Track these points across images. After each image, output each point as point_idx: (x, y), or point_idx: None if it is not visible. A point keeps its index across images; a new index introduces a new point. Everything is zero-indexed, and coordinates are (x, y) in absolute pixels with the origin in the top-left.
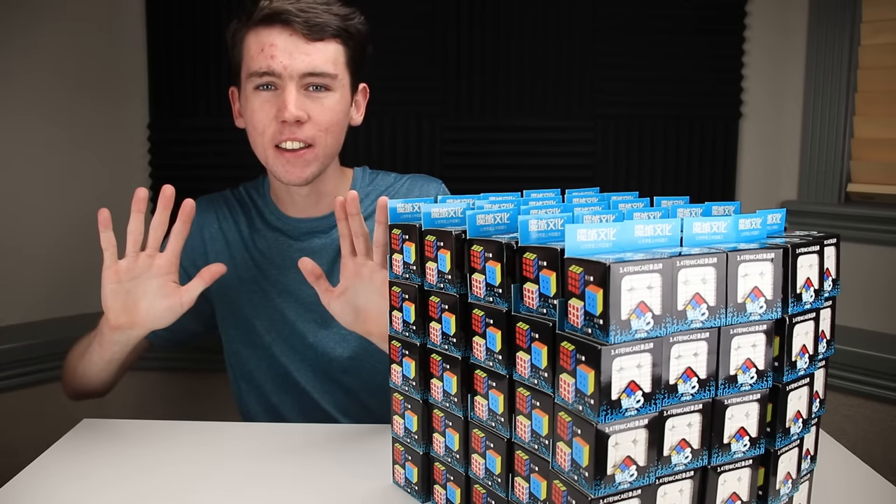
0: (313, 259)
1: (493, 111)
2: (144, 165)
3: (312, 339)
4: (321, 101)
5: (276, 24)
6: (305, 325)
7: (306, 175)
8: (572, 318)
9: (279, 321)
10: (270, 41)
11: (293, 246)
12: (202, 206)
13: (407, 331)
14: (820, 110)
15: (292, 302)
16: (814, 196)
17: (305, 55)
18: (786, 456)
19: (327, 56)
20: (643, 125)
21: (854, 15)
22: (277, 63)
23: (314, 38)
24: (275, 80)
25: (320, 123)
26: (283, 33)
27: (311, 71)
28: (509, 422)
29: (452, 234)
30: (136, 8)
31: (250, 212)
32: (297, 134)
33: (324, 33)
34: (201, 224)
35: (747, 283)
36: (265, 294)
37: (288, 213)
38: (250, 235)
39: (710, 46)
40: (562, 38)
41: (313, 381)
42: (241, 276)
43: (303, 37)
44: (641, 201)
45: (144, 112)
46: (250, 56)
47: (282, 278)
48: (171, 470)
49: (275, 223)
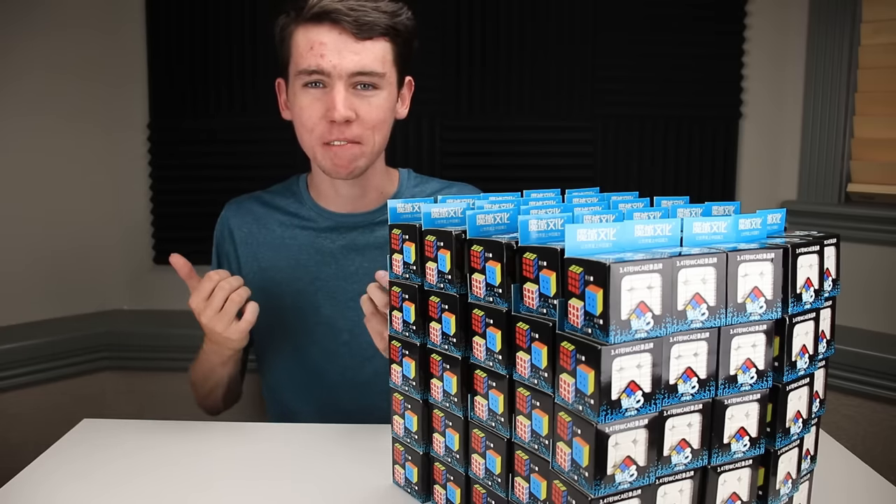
0: (354, 255)
1: (494, 111)
2: (144, 165)
3: (348, 336)
4: (369, 99)
5: (326, 22)
6: (342, 322)
7: (354, 170)
8: (572, 318)
9: (312, 322)
10: (320, 39)
11: (335, 242)
12: (231, 209)
13: (407, 331)
14: (820, 110)
15: (328, 301)
16: (814, 196)
17: (354, 54)
18: (786, 456)
19: (376, 55)
20: (643, 125)
21: (854, 15)
22: (327, 62)
23: (363, 37)
24: (323, 79)
25: (368, 122)
26: (332, 32)
27: (359, 70)
28: (509, 422)
29: (452, 234)
30: (136, 8)
31: (284, 212)
32: (346, 133)
33: (372, 32)
34: (230, 227)
35: (747, 283)
36: (299, 293)
37: (330, 209)
38: (282, 238)
39: (710, 47)
40: (562, 38)
41: (342, 381)
42: (273, 277)
43: (352, 35)
44: (641, 201)
45: (144, 112)
46: (299, 53)
47: (320, 275)
48: (170, 470)
49: (313, 220)
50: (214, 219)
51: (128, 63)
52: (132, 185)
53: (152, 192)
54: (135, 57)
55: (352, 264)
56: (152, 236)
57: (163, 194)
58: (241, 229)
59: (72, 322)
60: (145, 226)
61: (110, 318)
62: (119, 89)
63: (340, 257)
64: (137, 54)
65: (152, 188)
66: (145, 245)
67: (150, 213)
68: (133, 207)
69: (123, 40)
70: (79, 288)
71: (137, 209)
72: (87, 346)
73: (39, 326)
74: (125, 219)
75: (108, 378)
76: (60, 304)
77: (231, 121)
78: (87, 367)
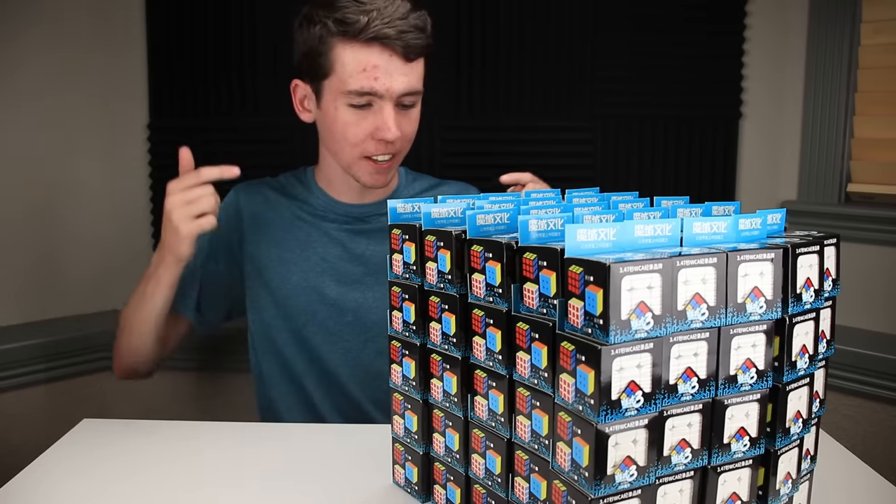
0: (361, 238)
1: (493, 111)
2: (144, 165)
3: (352, 317)
4: (409, 115)
5: (376, 44)
6: (345, 304)
7: (388, 180)
8: (572, 318)
9: (316, 302)
10: (373, 62)
11: (342, 228)
12: (241, 190)
13: (407, 331)
14: (820, 110)
15: (334, 282)
16: (814, 196)
17: (403, 76)
18: (786, 456)
19: (419, 74)
20: (643, 125)
21: (854, 15)
22: (381, 84)
23: (410, 59)
24: (373, 99)
25: (407, 136)
26: (383, 54)
27: (408, 91)
28: (509, 422)
29: (452, 234)
30: (136, 8)
31: (293, 198)
32: (389, 148)
33: (417, 53)
34: (239, 207)
35: (747, 283)
36: (304, 275)
37: (339, 199)
38: (292, 220)
39: (710, 46)
40: (562, 38)
41: (345, 367)
42: (281, 256)
43: (401, 57)
44: (641, 201)
45: (144, 112)
46: (348, 73)
47: (327, 256)
48: (170, 470)
49: (321, 208)
50: None
51: (127, 63)
52: (132, 185)
53: (152, 192)
54: (135, 57)
55: (358, 247)
56: (152, 236)
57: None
58: (250, 208)
59: (72, 322)
60: (145, 226)
61: (110, 318)
62: (119, 89)
63: (347, 241)
64: (137, 54)
65: (152, 188)
66: (145, 245)
67: (150, 213)
68: (133, 207)
69: (123, 40)
70: (79, 288)
71: (137, 209)
72: (87, 346)
73: (39, 326)
74: (125, 219)
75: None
76: (60, 304)
77: (231, 120)
78: (87, 367)
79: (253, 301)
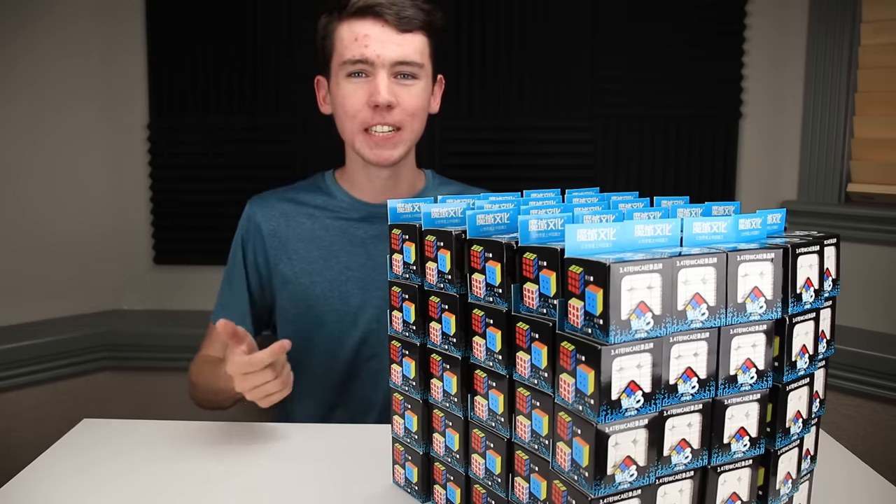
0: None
1: (493, 111)
2: (144, 165)
3: (376, 324)
4: (408, 88)
5: (369, 16)
6: (370, 310)
7: (394, 156)
8: (572, 318)
9: (341, 307)
10: (364, 32)
11: (367, 231)
12: (256, 203)
13: (407, 331)
14: (820, 110)
15: (358, 290)
16: (814, 196)
17: (396, 45)
18: (786, 456)
19: (415, 46)
20: (643, 125)
21: (854, 15)
22: (371, 52)
23: (403, 30)
24: (367, 68)
25: (407, 109)
26: (375, 24)
27: (401, 59)
28: (509, 422)
29: (452, 234)
30: (136, 7)
31: (311, 206)
32: (387, 118)
33: (412, 25)
34: (258, 220)
35: (747, 283)
36: (331, 283)
37: (362, 199)
38: (312, 227)
39: (710, 47)
40: (562, 38)
41: (365, 369)
42: (304, 268)
43: (394, 28)
44: (641, 201)
45: (144, 112)
46: (343, 45)
47: (351, 264)
48: (170, 470)
49: (344, 210)
50: (214, 219)
51: (128, 63)
52: (132, 185)
53: (152, 192)
54: (135, 57)
55: (382, 254)
56: (152, 236)
57: (163, 194)
58: (268, 222)
59: (72, 322)
60: (145, 226)
61: (110, 318)
62: (119, 89)
63: (371, 246)
64: (137, 54)
65: (152, 188)
66: (145, 245)
67: (150, 213)
68: (133, 207)
69: (123, 40)
70: (78, 288)
71: (137, 209)
72: (87, 346)
73: (39, 326)
74: (125, 219)
75: (108, 378)
76: (60, 304)
77: (231, 120)
78: (87, 367)
79: (281, 312)
